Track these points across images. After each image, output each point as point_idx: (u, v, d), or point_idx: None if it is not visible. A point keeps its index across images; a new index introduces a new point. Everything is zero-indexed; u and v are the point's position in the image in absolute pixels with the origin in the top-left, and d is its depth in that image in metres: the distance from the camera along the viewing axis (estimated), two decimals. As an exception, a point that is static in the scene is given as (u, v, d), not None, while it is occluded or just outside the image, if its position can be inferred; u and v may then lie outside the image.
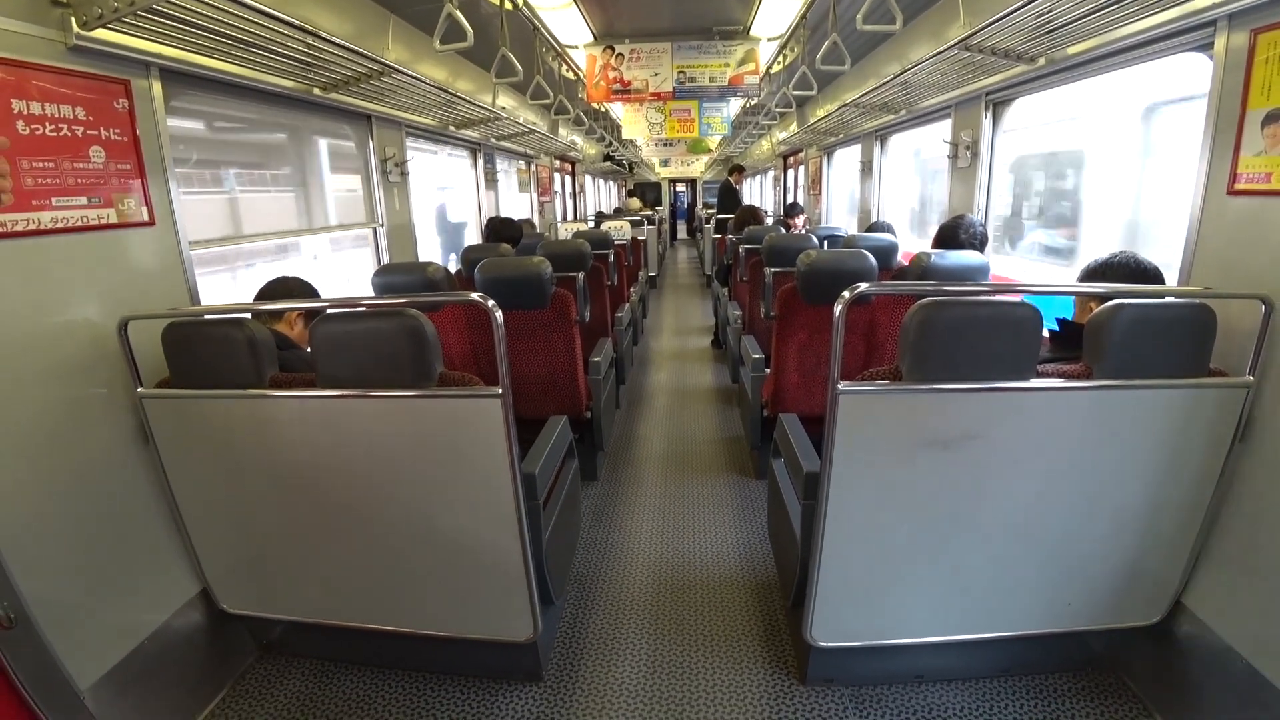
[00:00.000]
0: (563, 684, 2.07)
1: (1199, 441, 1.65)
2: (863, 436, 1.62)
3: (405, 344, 1.64)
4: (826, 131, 6.17)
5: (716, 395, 4.87)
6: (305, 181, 3.24)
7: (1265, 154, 1.64)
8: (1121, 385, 1.59)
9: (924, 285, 1.83)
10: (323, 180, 3.31)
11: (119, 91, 1.88)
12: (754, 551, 2.77)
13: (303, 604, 2.02)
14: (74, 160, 1.73)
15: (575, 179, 10.91)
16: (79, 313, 1.76)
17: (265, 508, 1.88)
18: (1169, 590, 1.82)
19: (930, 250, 2.50)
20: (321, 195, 3.37)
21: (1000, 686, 1.99)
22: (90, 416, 1.79)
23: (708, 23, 4.82)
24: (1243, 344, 1.63)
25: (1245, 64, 1.70)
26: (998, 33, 2.54)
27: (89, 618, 1.73)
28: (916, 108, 4.22)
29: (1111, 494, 1.70)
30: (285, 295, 2.14)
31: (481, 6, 3.49)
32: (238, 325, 1.72)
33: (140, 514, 1.92)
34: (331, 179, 3.44)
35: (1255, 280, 1.66)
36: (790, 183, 9.65)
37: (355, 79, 2.92)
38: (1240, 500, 1.71)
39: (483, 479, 1.71)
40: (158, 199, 2.00)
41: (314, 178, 3.31)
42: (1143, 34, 2.14)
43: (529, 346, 3.01)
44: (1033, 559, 1.78)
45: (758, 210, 5.82)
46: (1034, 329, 1.57)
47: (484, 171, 5.80)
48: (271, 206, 3.08)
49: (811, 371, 2.93)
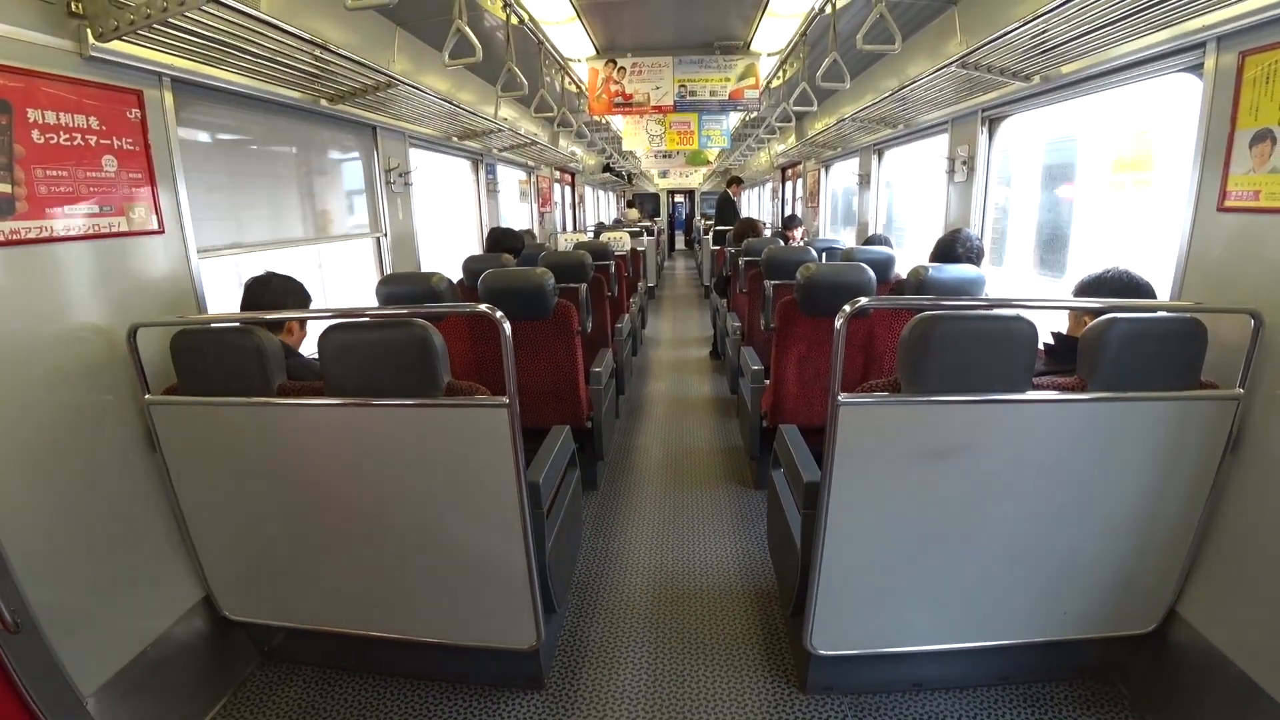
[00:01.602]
0: (564, 692, 2.08)
1: (1191, 452, 1.69)
2: (862, 447, 1.65)
3: (414, 354, 1.67)
4: (825, 145, 6.24)
5: (715, 406, 4.89)
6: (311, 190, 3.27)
7: (1253, 172, 1.68)
8: (1115, 398, 1.63)
9: (922, 299, 1.87)
10: (315, 189, 3.32)
11: (132, 102, 1.91)
12: (753, 560, 2.79)
13: (305, 611, 2.03)
14: (87, 169, 1.76)
15: (575, 189, 10.96)
16: (88, 319, 1.79)
17: (270, 515, 1.90)
18: (1163, 599, 1.84)
19: (928, 264, 2.54)
20: (324, 203, 3.40)
21: (998, 694, 2.01)
22: (97, 422, 1.81)
23: (709, 37, 4.88)
24: (1233, 357, 1.66)
25: (1234, 85, 1.75)
26: (994, 51, 2.59)
27: (93, 623, 1.74)
28: (914, 123, 4.28)
29: (1106, 504, 1.73)
30: (269, 293, 2.12)
31: (485, 20, 3.54)
32: (247, 333, 1.74)
33: (144, 520, 1.93)
34: (335, 187, 3.48)
35: (1245, 295, 1.70)
36: (788, 195, 9.72)
37: (361, 90, 2.97)
38: (1232, 510, 1.74)
39: (488, 488, 1.73)
40: (167, 208, 2.03)
41: (319, 185, 3.34)
42: (1135, 54, 2.19)
43: (532, 357, 3.03)
44: (1029, 568, 1.80)
45: (756, 223, 5.87)
46: (1029, 342, 1.61)
47: (485, 182, 5.84)
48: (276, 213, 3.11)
49: (810, 383, 2.96)
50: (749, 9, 4.09)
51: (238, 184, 2.70)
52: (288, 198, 3.10)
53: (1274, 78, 1.63)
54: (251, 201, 2.80)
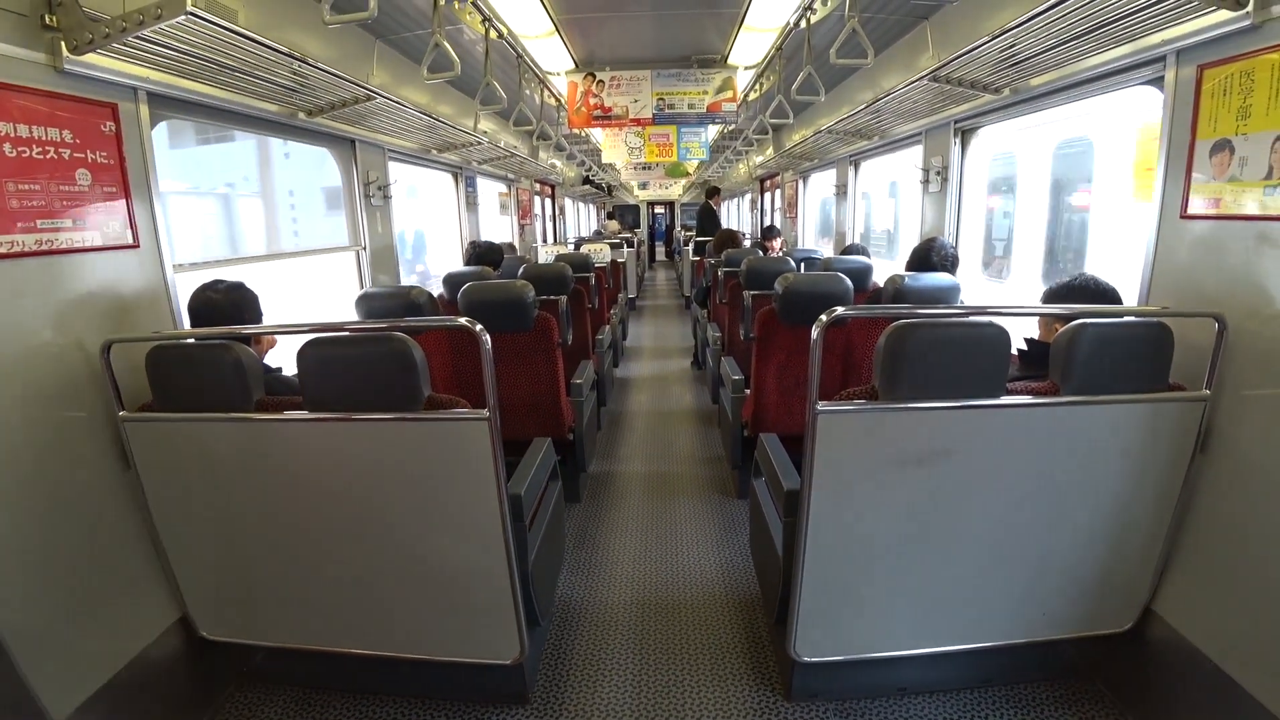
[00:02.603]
0: (549, 705, 2.07)
1: (1162, 453, 1.73)
2: (841, 454, 1.67)
3: (394, 368, 1.66)
4: (802, 156, 6.32)
5: (697, 416, 4.90)
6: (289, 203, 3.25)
7: (1214, 181, 1.74)
8: (1087, 401, 1.66)
9: (898, 308, 1.90)
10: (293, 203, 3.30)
11: (106, 115, 1.89)
12: (737, 570, 2.79)
13: (285, 629, 2.00)
14: (60, 183, 1.74)
15: (555, 201, 10.98)
16: (61, 336, 1.75)
17: (248, 532, 1.87)
18: (1139, 597, 1.88)
19: (903, 273, 2.58)
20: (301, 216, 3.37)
21: (981, 696, 2.03)
22: (70, 440, 1.77)
23: (687, 51, 4.93)
24: (1199, 359, 1.71)
25: (1193, 97, 1.81)
26: (965, 65, 2.65)
27: (65, 646, 1.70)
28: (889, 134, 4.35)
29: (1081, 505, 1.77)
30: (211, 304, 2.00)
31: (465, 33, 3.56)
32: (224, 348, 1.72)
33: (119, 539, 1.89)
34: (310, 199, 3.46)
35: (1209, 299, 1.75)
36: (767, 205, 9.82)
37: (340, 104, 2.96)
38: (1203, 508, 1.78)
39: (470, 501, 1.72)
40: (142, 222, 2.00)
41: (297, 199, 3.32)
42: (1100, 68, 2.25)
43: (512, 369, 3.03)
44: (1008, 570, 1.83)
45: (736, 234, 5.93)
46: (1003, 349, 1.64)
47: (465, 195, 5.83)
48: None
49: (790, 392, 2.99)
50: (726, 23, 4.14)
51: (213, 198, 2.68)
52: (264, 212, 3.08)
53: (1231, 90, 1.69)
54: (227, 216, 2.78)
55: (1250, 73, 1.63)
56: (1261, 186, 1.59)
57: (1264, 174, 1.58)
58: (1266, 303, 1.60)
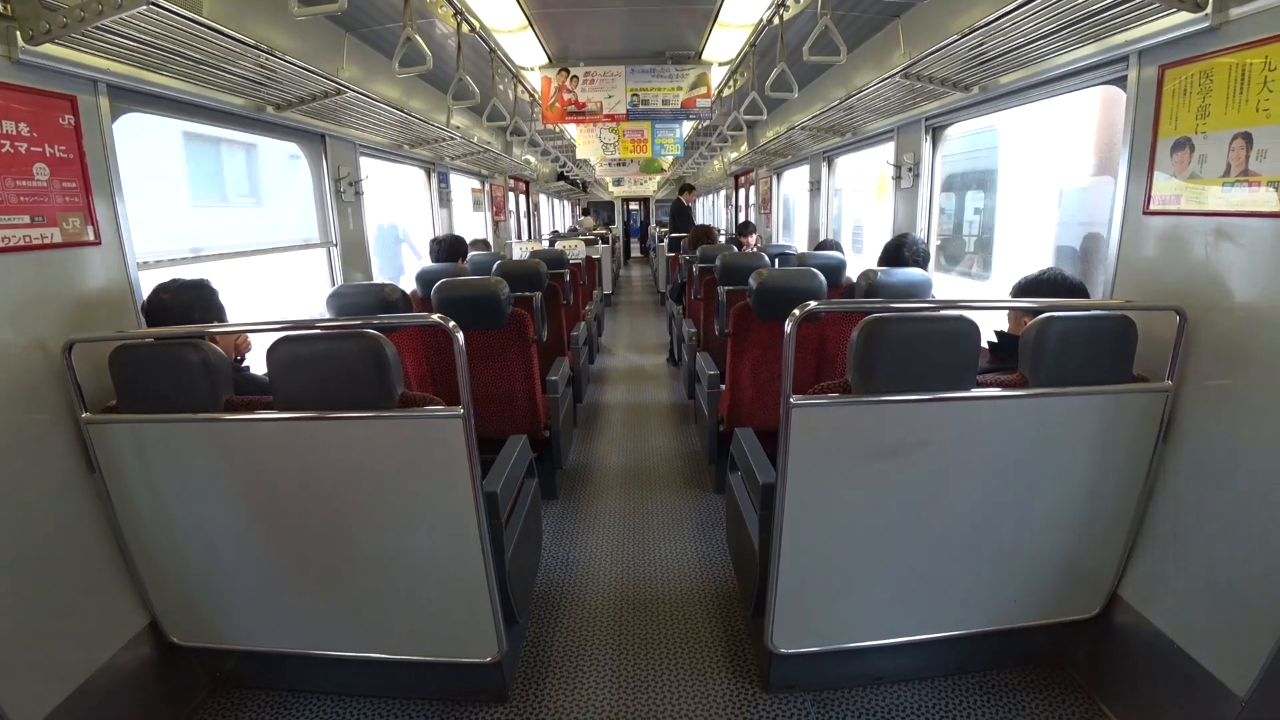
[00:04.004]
0: (529, 703, 2.06)
1: (1126, 443, 1.78)
2: (815, 447, 1.69)
3: (366, 365, 1.64)
4: (776, 153, 6.36)
5: (673, 411, 4.92)
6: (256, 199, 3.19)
7: (1175, 178, 1.79)
8: (1054, 393, 1.70)
9: (870, 302, 1.92)
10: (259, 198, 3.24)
11: (65, 107, 1.83)
12: (714, 564, 2.81)
13: (258, 633, 1.97)
14: (16, 178, 1.68)
15: (530, 198, 10.92)
16: (20, 336, 1.70)
17: (218, 534, 1.83)
18: (1105, 584, 1.93)
19: (876, 268, 2.62)
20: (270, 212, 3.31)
21: (955, 684, 2.07)
22: (31, 443, 1.72)
23: (661, 47, 4.93)
24: (1162, 352, 1.76)
25: (1155, 96, 1.85)
26: (935, 62, 2.69)
27: (30, 655, 1.65)
28: (862, 131, 4.40)
29: (1049, 494, 1.81)
30: (161, 305, 1.94)
31: (438, 27, 3.52)
32: (192, 347, 1.68)
33: (84, 544, 1.83)
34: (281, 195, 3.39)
35: (1171, 293, 1.80)
36: (741, 202, 9.86)
37: (309, 98, 2.91)
38: (1165, 497, 1.83)
39: (444, 499, 1.71)
40: (105, 217, 1.95)
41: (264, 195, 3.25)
42: (1066, 67, 2.30)
43: (487, 366, 3.01)
44: (979, 559, 1.87)
45: (711, 230, 5.94)
46: (973, 342, 1.67)
47: (438, 191, 5.77)
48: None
49: (765, 386, 3.01)
50: (700, 19, 4.15)
51: (177, 193, 2.62)
52: (232, 207, 3.02)
53: (1191, 90, 1.73)
54: (193, 211, 2.72)
55: (1209, 73, 1.67)
56: (1220, 183, 1.64)
57: (1222, 171, 1.63)
58: (1225, 296, 1.65)
